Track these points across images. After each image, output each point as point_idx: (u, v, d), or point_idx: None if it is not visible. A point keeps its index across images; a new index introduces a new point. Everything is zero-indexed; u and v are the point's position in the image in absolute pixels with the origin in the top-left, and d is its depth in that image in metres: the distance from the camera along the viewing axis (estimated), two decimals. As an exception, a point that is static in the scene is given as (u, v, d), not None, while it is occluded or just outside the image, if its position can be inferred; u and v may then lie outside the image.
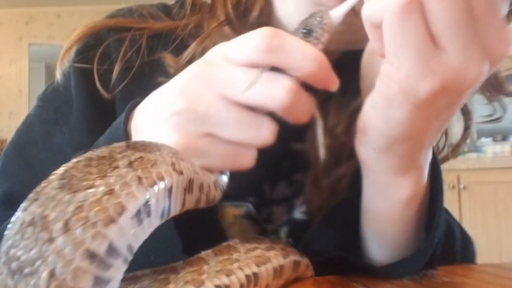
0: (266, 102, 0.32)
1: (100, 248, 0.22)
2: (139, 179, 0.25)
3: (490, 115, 0.54)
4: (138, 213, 0.24)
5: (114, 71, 0.50)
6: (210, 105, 0.32)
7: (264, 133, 0.33)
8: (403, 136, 0.34)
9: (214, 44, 0.35)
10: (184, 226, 0.36)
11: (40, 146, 0.52)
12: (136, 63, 0.50)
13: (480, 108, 0.53)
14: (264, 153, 0.35)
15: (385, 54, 0.31)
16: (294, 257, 0.38)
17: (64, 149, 0.50)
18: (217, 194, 0.34)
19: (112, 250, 0.22)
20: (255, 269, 0.33)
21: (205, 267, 0.32)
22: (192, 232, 0.36)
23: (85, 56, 0.51)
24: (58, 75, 0.52)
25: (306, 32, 0.34)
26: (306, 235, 0.46)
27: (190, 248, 0.36)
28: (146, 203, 0.24)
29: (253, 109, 0.32)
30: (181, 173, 0.28)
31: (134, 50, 0.51)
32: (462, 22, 0.29)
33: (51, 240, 0.21)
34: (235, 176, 0.37)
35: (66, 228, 0.21)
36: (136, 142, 0.28)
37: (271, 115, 0.33)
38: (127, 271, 0.26)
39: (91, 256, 0.21)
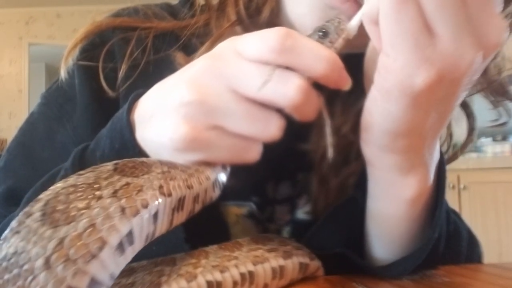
0: (276, 99, 0.32)
1: (82, 283, 0.22)
2: (122, 210, 0.24)
3: (495, 120, 0.54)
4: (120, 244, 0.24)
5: (121, 69, 0.50)
6: (220, 98, 0.32)
7: (272, 128, 0.33)
8: (403, 130, 0.34)
9: None
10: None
11: (43, 144, 0.52)
12: (141, 61, 0.50)
13: (486, 113, 0.53)
14: (268, 152, 0.35)
15: (382, 46, 0.32)
16: (299, 259, 0.38)
17: (67, 146, 0.50)
18: (214, 195, 0.34)
19: (94, 283, 0.22)
20: (251, 267, 0.33)
21: (203, 261, 0.32)
22: (195, 223, 0.36)
23: (90, 54, 0.51)
24: (63, 73, 0.52)
25: (322, 34, 0.35)
26: (310, 230, 0.46)
27: (192, 239, 0.35)
28: (129, 233, 0.25)
29: (262, 104, 0.32)
30: (169, 195, 0.28)
31: (140, 49, 0.51)
32: (454, 6, 0.29)
33: (34, 276, 0.21)
34: (238, 175, 0.37)
35: (47, 266, 0.21)
36: (125, 164, 0.28)
37: (278, 111, 0.33)
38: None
39: None
